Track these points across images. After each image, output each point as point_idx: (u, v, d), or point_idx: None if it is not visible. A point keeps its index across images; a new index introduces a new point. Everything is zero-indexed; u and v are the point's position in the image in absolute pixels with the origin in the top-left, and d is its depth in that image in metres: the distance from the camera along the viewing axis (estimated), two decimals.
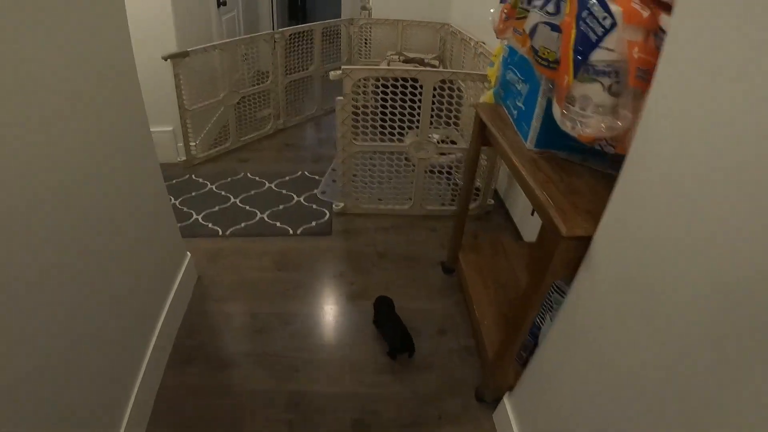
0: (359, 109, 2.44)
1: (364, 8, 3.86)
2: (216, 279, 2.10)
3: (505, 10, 1.54)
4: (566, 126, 1.17)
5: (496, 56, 1.93)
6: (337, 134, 2.36)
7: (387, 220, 2.59)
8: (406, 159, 2.50)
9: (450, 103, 2.41)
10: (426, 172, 2.52)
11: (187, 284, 1.96)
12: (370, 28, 3.81)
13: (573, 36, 1.05)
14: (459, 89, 3.25)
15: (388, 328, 1.80)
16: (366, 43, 3.86)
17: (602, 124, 1.09)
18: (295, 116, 3.66)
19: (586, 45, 1.03)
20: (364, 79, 2.53)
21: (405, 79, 2.24)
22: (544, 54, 1.20)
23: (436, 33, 3.83)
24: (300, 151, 3.30)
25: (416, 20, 3.78)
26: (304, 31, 3.36)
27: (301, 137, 3.52)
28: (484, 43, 2.92)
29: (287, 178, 2.93)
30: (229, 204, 2.65)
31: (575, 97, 1.12)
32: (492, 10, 1.70)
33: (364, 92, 3.23)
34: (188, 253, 2.02)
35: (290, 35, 3.27)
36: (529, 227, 2.42)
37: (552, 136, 1.38)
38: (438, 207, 2.68)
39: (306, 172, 3.00)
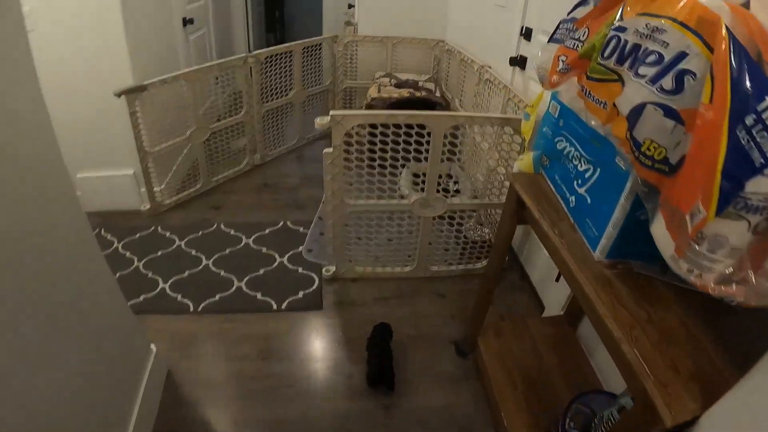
0: (352, 161, 2.06)
1: (348, 23, 3.47)
2: (189, 374, 1.73)
3: (565, 57, 1.17)
4: (680, 268, 0.82)
5: (533, 107, 1.58)
6: (325, 192, 1.98)
7: (387, 287, 2.23)
8: (409, 217, 2.14)
9: (454, 142, 2.07)
10: (432, 221, 2.16)
11: (154, 389, 1.58)
12: (356, 46, 3.43)
13: (723, 149, 0.70)
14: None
15: (374, 355, 1.77)
16: (352, 63, 3.48)
17: (733, 273, 0.76)
18: (273, 148, 3.27)
19: (743, 168, 0.68)
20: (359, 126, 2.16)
21: (410, 125, 1.88)
22: (650, 150, 0.85)
23: (429, 51, 3.48)
24: (280, 193, 2.90)
25: (407, 37, 3.42)
26: (282, 53, 2.96)
27: (281, 174, 3.12)
28: (490, 68, 2.58)
29: (267, 230, 2.54)
30: (200, 267, 2.25)
31: (704, 235, 0.77)
32: (539, 52, 1.34)
33: (357, 140, 2.86)
34: (153, 347, 1.64)
35: (266, 58, 2.86)
36: (551, 291, 2.10)
37: (630, 244, 1.04)
38: (445, 267, 2.33)
39: (288, 223, 2.61)
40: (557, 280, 1.95)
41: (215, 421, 1.57)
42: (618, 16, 1.00)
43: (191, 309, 2.00)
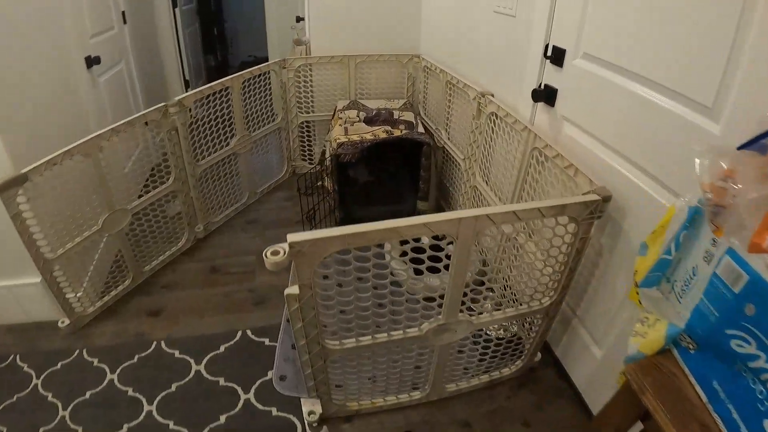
0: (332, 291, 1.46)
1: (298, 42, 2.79)
2: None
3: None
4: None
5: (655, 237, 0.98)
6: (295, 339, 1.37)
7: (393, 421, 1.66)
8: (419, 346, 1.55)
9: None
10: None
11: None
12: (310, 69, 2.76)
13: None
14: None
15: None
16: (307, 92, 2.81)
17: None
18: (218, 213, 2.58)
19: None
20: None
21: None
22: None
23: (401, 69, 2.85)
24: (233, 283, 2.24)
25: (373, 54, 2.77)
26: (216, 91, 2.26)
27: (231, 251, 2.45)
28: (492, 96, 1.99)
29: (222, 348, 1.90)
30: (141, 418, 1.64)
31: None
32: (705, 162, 0.76)
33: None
34: None
35: (196, 101, 2.17)
36: (599, 394, 1.64)
37: None
38: (465, 383, 1.76)
39: (249, 333, 1.97)
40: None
41: None
42: None
43: None
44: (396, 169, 2.91)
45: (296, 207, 2.75)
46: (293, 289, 1.20)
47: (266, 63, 2.53)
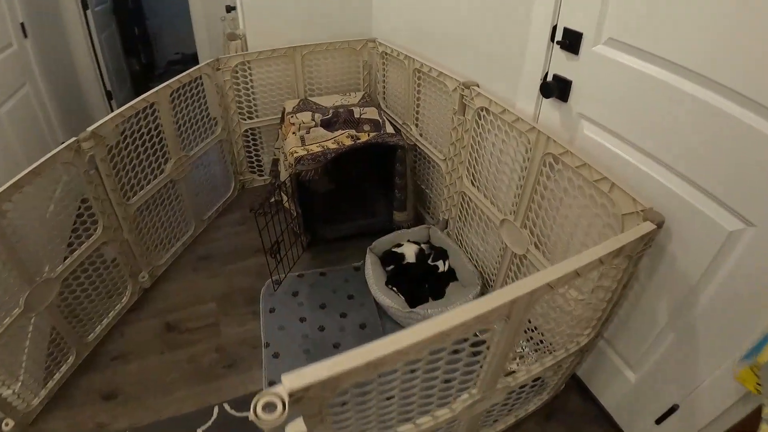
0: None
1: (232, 37, 2.36)
2: None
3: None
4: None
5: None
6: None
7: None
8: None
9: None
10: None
11: None
12: (250, 68, 2.35)
13: None
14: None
15: None
16: (248, 94, 2.41)
17: None
18: (163, 253, 2.18)
19: None
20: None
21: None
22: None
23: (355, 57, 2.50)
24: (196, 343, 1.89)
25: (322, 42, 2.40)
26: (138, 112, 1.83)
27: (184, 297, 2.08)
28: (477, 87, 1.72)
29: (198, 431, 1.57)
30: None
31: None
32: None
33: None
34: None
35: (115, 128, 1.74)
36: (635, 417, 1.54)
37: None
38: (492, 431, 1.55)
39: (227, 407, 1.64)
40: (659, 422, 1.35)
41: None
42: None
43: None
44: (363, 177, 2.59)
45: (252, 231, 2.38)
46: (297, 427, 0.85)
47: (196, 67, 2.10)
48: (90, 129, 1.64)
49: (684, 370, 1.31)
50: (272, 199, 2.50)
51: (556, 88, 1.43)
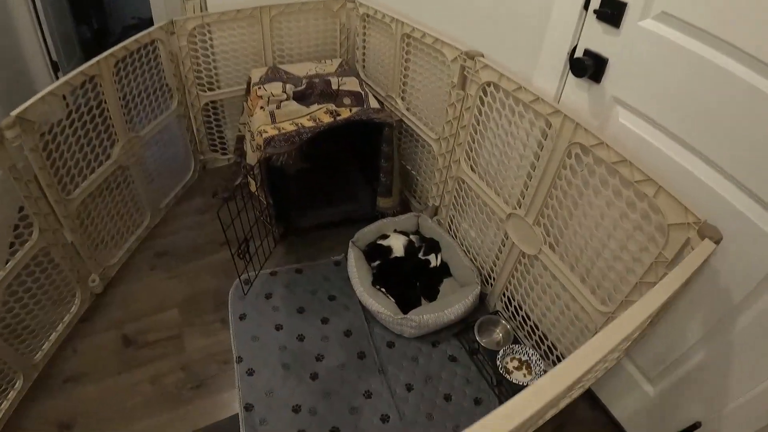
0: None
1: None
2: None
3: None
4: None
5: None
6: None
7: None
8: None
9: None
10: None
11: None
12: (210, 31, 2.02)
13: None
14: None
15: None
16: (208, 62, 2.08)
17: None
18: (115, 253, 1.88)
19: None
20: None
21: None
22: None
23: (331, 19, 2.19)
24: (157, 358, 1.64)
25: (293, 1, 2.08)
26: (75, 88, 1.51)
27: (141, 304, 1.81)
28: (482, 57, 1.49)
29: None
30: None
31: None
32: None
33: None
34: None
35: (48, 109, 1.42)
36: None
37: None
38: None
39: None
40: None
41: None
42: None
43: None
44: (342, 156, 2.33)
45: (216, 221, 2.11)
46: None
47: (146, 31, 1.76)
48: (14, 113, 1.32)
49: (712, 388, 1.20)
50: (237, 182, 2.23)
51: (591, 66, 1.20)
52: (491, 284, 1.82)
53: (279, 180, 1.86)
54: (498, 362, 1.62)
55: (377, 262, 1.88)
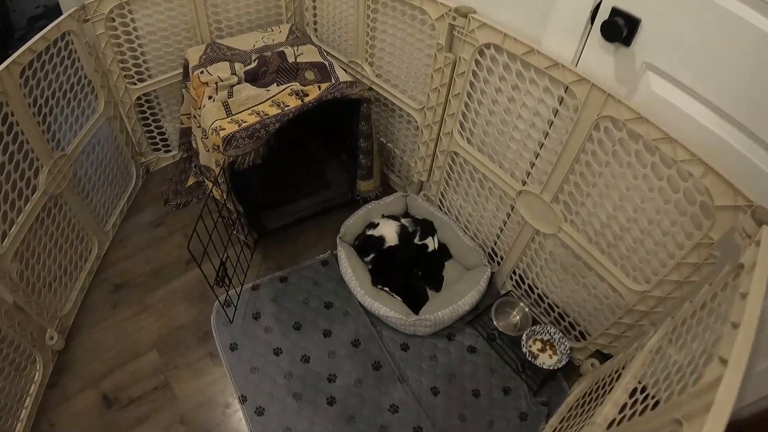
0: None
1: None
2: None
3: None
4: None
5: None
6: None
7: None
8: None
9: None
10: None
11: None
12: (131, 11, 1.67)
13: None
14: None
15: None
16: (132, 47, 1.74)
17: None
18: (67, 297, 1.60)
19: None
20: None
21: None
22: None
23: None
24: (148, 417, 1.43)
25: None
26: None
27: (113, 354, 1.57)
28: (475, 14, 1.32)
29: None
30: None
31: None
32: None
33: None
34: None
35: None
36: None
37: None
38: None
39: None
40: None
41: None
42: None
43: None
44: (310, 140, 2.09)
45: (175, 233, 1.86)
46: None
47: (54, 22, 1.41)
48: None
49: None
50: (191, 182, 1.98)
51: (624, 28, 1.03)
52: (498, 263, 1.71)
53: (239, 177, 1.62)
54: (523, 348, 1.54)
55: (371, 256, 1.72)
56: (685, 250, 1.09)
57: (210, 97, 1.61)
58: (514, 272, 1.66)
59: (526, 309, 1.63)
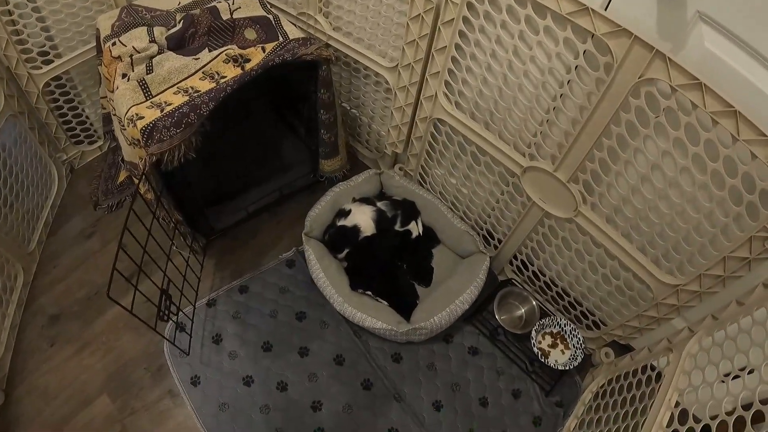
0: None
1: None
2: None
3: None
4: None
5: None
6: None
7: None
8: None
9: None
10: None
11: None
12: None
13: None
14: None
15: None
16: (30, 21, 1.37)
17: None
18: None
19: None
20: None
21: None
22: None
23: None
24: None
25: None
26: None
27: (58, 400, 1.31)
28: None
29: None
30: None
31: None
32: None
33: None
34: None
35: None
36: None
37: None
38: None
39: None
40: None
41: None
42: None
43: None
44: (259, 111, 1.76)
45: (110, 243, 1.56)
46: None
47: None
48: None
49: None
50: (120, 179, 1.65)
51: None
52: (495, 246, 1.51)
53: (171, 173, 1.32)
54: (534, 349, 1.36)
55: (345, 251, 1.48)
56: (735, 244, 0.92)
57: (124, 76, 1.27)
58: (516, 257, 1.46)
59: (533, 301, 1.45)
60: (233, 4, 1.42)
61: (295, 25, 1.41)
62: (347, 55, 1.51)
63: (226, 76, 1.25)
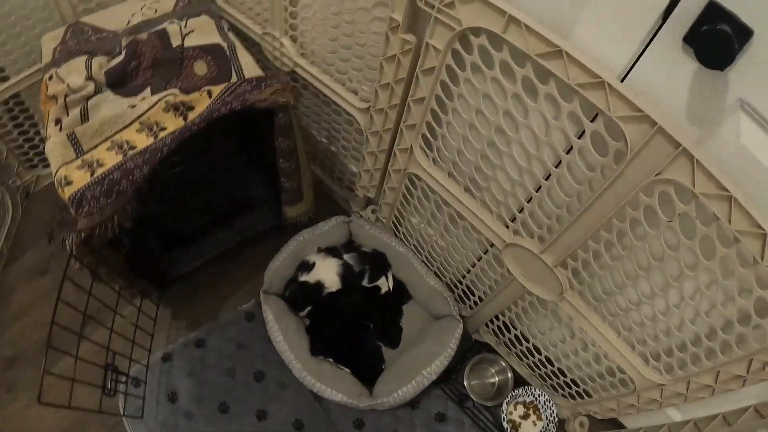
0: None
1: None
2: None
3: None
4: None
5: None
6: None
7: None
8: None
9: None
10: None
11: None
12: None
13: None
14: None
15: None
16: None
17: None
18: None
19: None
20: None
21: None
22: None
23: None
24: None
25: None
26: None
27: None
28: None
29: None
30: None
31: None
32: None
33: None
34: None
35: None
36: None
37: None
38: None
39: None
40: None
41: None
42: None
43: None
44: (219, 144, 1.51)
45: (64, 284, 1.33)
46: None
47: None
48: None
49: None
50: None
51: (734, 41, 0.57)
52: (471, 307, 1.32)
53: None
54: (504, 423, 1.19)
55: (307, 309, 1.28)
56: (732, 358, 0.77)
57: (57, 122, 1.03)
58: (493, 321, 1.27)
59: (509, 372, 1.27)
60: (185, 26, 1.17)
61: (254, 56, 1.17)
62: (315, 87, 1.27)
63: (165, 128, 1.02)
